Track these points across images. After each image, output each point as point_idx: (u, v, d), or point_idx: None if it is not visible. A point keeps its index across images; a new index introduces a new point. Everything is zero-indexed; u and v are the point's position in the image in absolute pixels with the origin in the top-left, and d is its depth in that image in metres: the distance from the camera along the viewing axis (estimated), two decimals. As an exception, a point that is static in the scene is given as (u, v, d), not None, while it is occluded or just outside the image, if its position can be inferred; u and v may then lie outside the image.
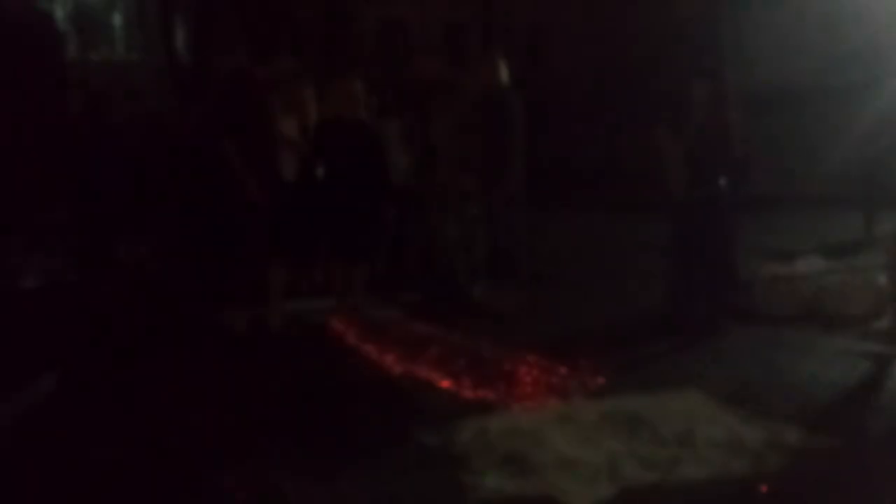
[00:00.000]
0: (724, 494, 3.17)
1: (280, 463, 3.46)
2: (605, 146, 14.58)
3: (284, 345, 5.42)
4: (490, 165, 6.20)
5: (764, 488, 3.16)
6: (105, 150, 7.38)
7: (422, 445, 3.63)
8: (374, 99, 7.80)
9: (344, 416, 4.04)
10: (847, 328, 5.38)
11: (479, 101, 6.34)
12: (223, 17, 13.61)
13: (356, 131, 5.78)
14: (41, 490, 3.30)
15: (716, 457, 3.42)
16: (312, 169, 5.89)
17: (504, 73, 6.51)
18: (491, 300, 6.07)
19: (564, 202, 11.31)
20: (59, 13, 16.83)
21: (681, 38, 13.11)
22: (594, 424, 3.75)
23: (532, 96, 8.51)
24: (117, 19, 18.27)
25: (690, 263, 5.41)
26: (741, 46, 12.41)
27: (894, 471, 3.37)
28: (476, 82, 6.57)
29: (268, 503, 3.19)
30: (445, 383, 4.46)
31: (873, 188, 7.79)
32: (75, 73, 15.06)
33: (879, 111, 8.87)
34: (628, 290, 6.67)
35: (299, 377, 4.72)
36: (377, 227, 5.96)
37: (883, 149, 7.51)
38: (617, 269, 7.55)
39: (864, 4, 11.13)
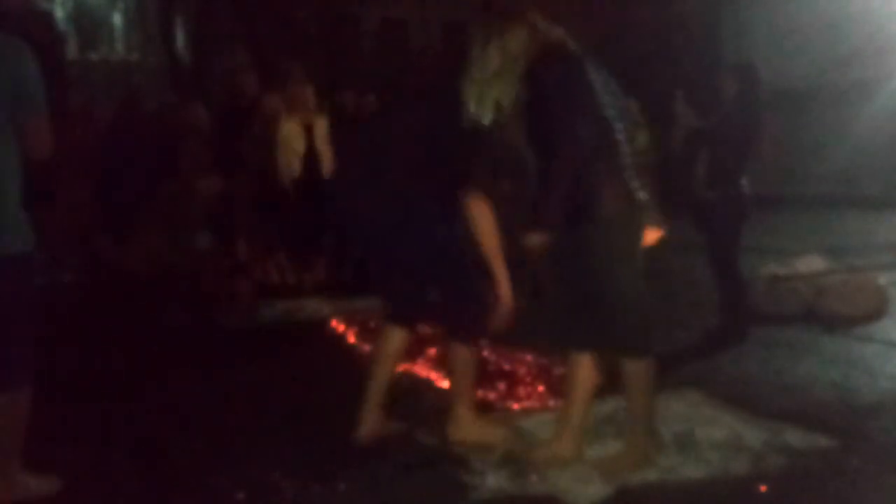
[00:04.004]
0: (724, 494, 3.17)
1: (280, 463, 3.46)
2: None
3: (284, 344, 5.43)
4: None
5: (764, 488, 3.16)
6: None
7: (422, 445, 3.63)
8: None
9: (344, 417, 4.03)
10: (847, 328, 5.38)
11: None
12: (224, 17, 13.62)
13: None
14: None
15: (716, 457, 3.42)
16: None
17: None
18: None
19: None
20: (59, 13, 16.83)
21: (681, 37, 13.11)
22: (594, 424, 3.74)
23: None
24: (117, 19, 18.26)
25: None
26: (741, 46, 12.41)
27: (894, 471, 3.38)
28: None
29: (268, 503, 3.19)
30: (445, 383, 4.46)
31: None
32: (75, 72, 15.09)
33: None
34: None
35: (299, 377, 4.72)
36: None
37: None
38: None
39: (864, 4, 11.13)
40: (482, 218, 3.35)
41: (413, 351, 5.02)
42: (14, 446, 3.14)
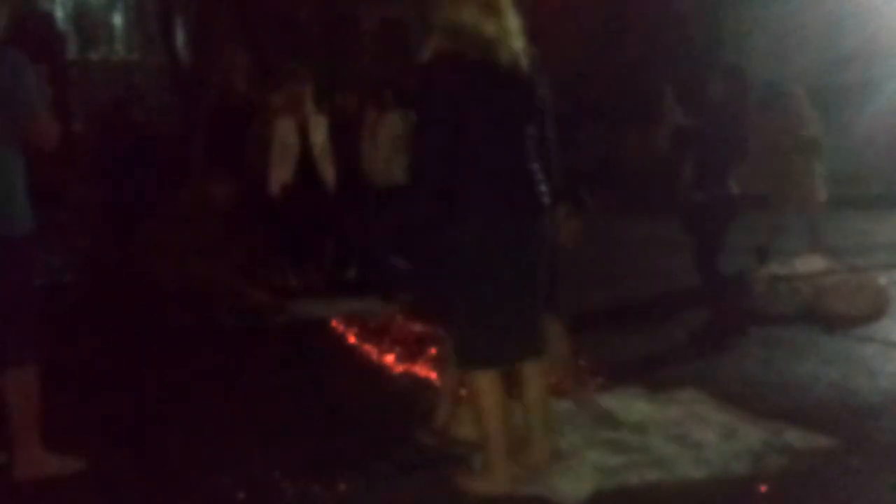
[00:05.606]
0: (724, 494, 3.17)
1: (280, 463, 3.46)
2: (606, 146, 14.55)
3: (284, 344, 5.44)
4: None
5: (764, 488, 3.16)
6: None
7: (422, 445, 3.63)
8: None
9: (344, 416, 4.04)
10: (847, 328, 5.38)
11: None
12: (224, 17, 13.63)
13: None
14: None
15: (716, 457, 3.42)
16: None
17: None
18: None
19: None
20: (59, 13, 16.84)
21: (681, 37, 13.10)
22: (594, 424, 3.75)
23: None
24: (117, 19, 18.27)
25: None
26: (741, 46, 12.40)
27: (894, 471, 3.38)
28: None
29: (268, 503, 3.20)
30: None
31: None
32: (75, 72, 15.09)
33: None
34: (628, 289, 6.66)
35: (299, 377, 4.73)
36: None
37: None
38: (617, 268, 7.55)
39: (864, 4, 11.12)
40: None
41: (413, 351, 5.04)
42: (31, 423, 3.33)
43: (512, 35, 3.01)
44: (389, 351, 5.10)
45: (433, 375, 4.55)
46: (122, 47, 18.07)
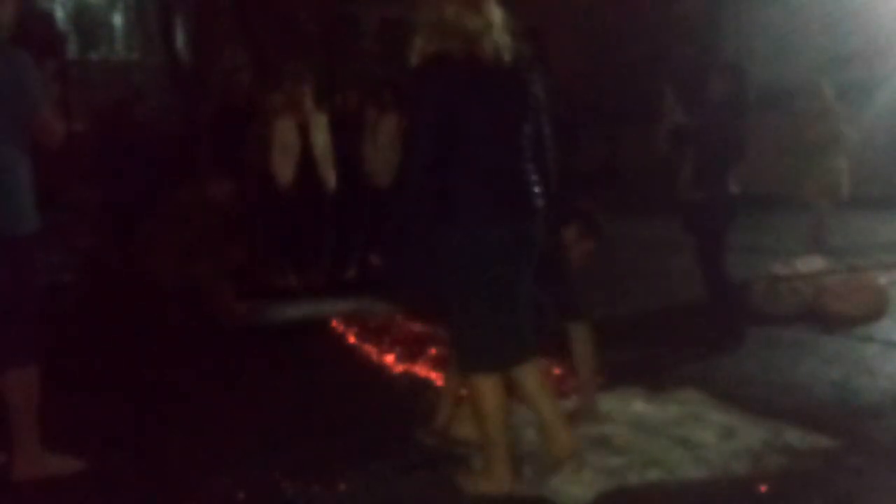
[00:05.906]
0: (724, 494, 3.17)
1: (280, 463, 3.46)
2: (606, 146, 14.55)
3: (284, 344, 5.44)
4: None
5: (764, 488, 3.16)
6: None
7: (422, 445, 3.63)
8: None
9: (344, 416, 4.04)
10: (847, 328, 5.38)
11: None
12: (224, 17, 13.63)
13: None
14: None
15: (716, 457, 3.43)
16: None
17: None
18: None
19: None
20: (59, 13, 16.84)
21: (681, 37, 13.11)
22: (593, 424, 3.75)
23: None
24: (117, 19, 18.28)
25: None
26: (741, 46, 12.41)
27: (894, 471, 3.38)
28: None
29: (268, 503, 3.20)
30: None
31: None
32: (75, 72, 15.09)
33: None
34: (628, 289, 6.66)
35: (299, 377, 4.73)
36: None
37: None
38: (617, 268, 7.54)
39: (864, 4, 11.11)
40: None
41: (413, 351, 5.04)
42: (31, 423, 3.33)
43: (496, 28, 2.99)
44: (389, 351, 5.10)
45: (433, 375, 4.56)
46: (122, 47, 18.08)
